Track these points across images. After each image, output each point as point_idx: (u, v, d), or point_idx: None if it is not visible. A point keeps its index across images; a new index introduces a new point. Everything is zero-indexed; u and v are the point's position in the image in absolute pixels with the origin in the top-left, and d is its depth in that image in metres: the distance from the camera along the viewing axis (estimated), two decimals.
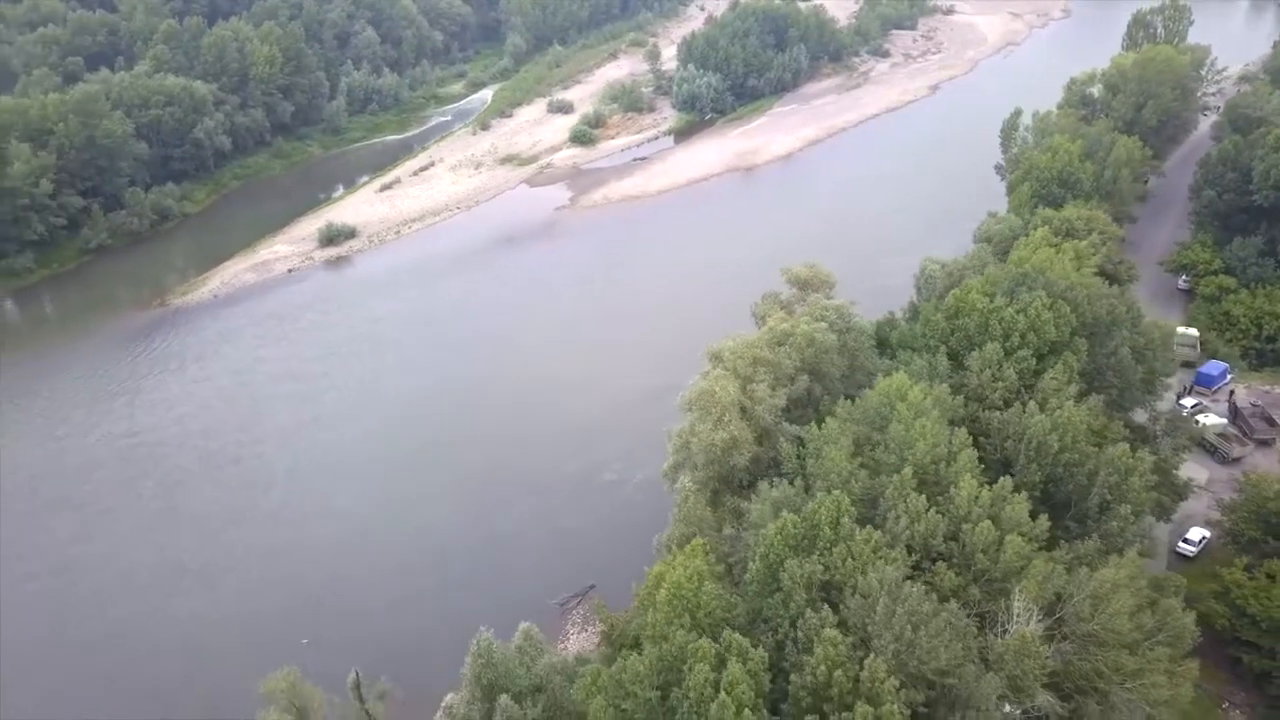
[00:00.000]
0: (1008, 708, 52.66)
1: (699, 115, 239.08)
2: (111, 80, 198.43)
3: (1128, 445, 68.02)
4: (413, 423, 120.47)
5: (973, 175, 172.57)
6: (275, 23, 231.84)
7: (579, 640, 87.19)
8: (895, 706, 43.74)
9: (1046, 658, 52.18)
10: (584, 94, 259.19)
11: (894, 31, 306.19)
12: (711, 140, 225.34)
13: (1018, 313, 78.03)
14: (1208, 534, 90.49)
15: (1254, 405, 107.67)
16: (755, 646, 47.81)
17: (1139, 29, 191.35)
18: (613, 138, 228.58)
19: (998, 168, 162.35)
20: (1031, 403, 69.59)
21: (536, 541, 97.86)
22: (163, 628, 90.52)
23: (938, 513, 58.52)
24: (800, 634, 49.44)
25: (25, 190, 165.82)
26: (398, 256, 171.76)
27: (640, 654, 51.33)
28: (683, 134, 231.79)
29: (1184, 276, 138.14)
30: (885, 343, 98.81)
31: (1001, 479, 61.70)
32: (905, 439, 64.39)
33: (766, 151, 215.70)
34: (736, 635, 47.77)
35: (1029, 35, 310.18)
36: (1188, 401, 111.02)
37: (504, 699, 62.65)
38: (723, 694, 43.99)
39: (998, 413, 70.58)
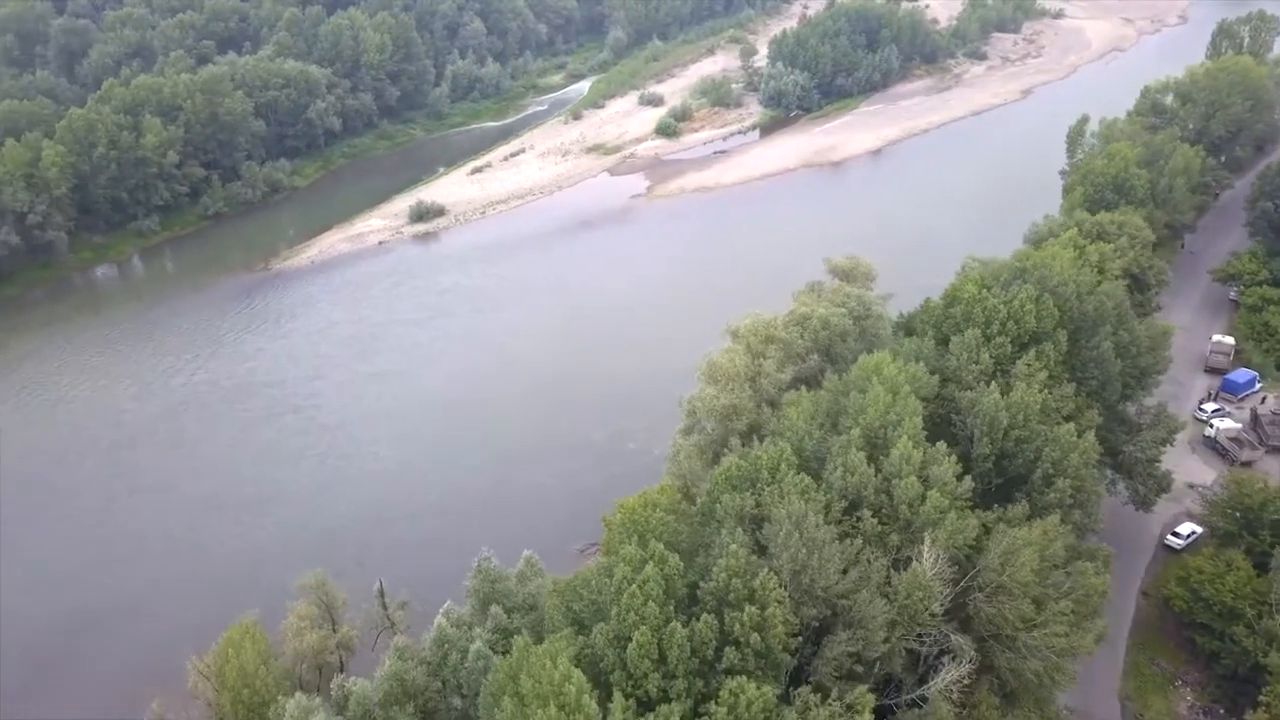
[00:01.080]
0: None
1: (784, 112, 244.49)
2: (237, 63, 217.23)
3: (1073, 426, 72.97)
4: (460, 382, 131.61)
5: (1044, 179, 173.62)
6: (389, 13, 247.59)
7: None
8: (779, 610, 51.25)
9: (948, 597, 58.48)
10: (675, 88, 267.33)
11: (995, 35, 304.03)
12: (791, 137, 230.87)
13: (1001, 303, 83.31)
14: (1198, 529, 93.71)
15: (1274, 414, 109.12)
16: (681, 562, 55.87)
17: (1224, 38, 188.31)
18: (696, 131, 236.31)
19: (1061, 173, 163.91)
20: (992, 383, 75.23)
21: (561, 496, 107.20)
22: (223, 536, 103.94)
23: (876, 470, 65.25)
24: (716, 550, 57.26)
25: (155, 160, 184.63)
26: (479, 235, 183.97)
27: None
28: (766, 129, 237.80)
29: (1235, 287, 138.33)
30: (910, 330, 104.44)
31: (938, 444, 67.77)
32: (860, 406, 71.15)
33: (843, 149, 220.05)
34: (660, 546, 55.89)
35: (1137, 42, 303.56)
36: (1209, 406, 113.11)
37: (495, 609, 72.09)
38: (634, 587, 52.27)
39: (968, 392, 76.41)
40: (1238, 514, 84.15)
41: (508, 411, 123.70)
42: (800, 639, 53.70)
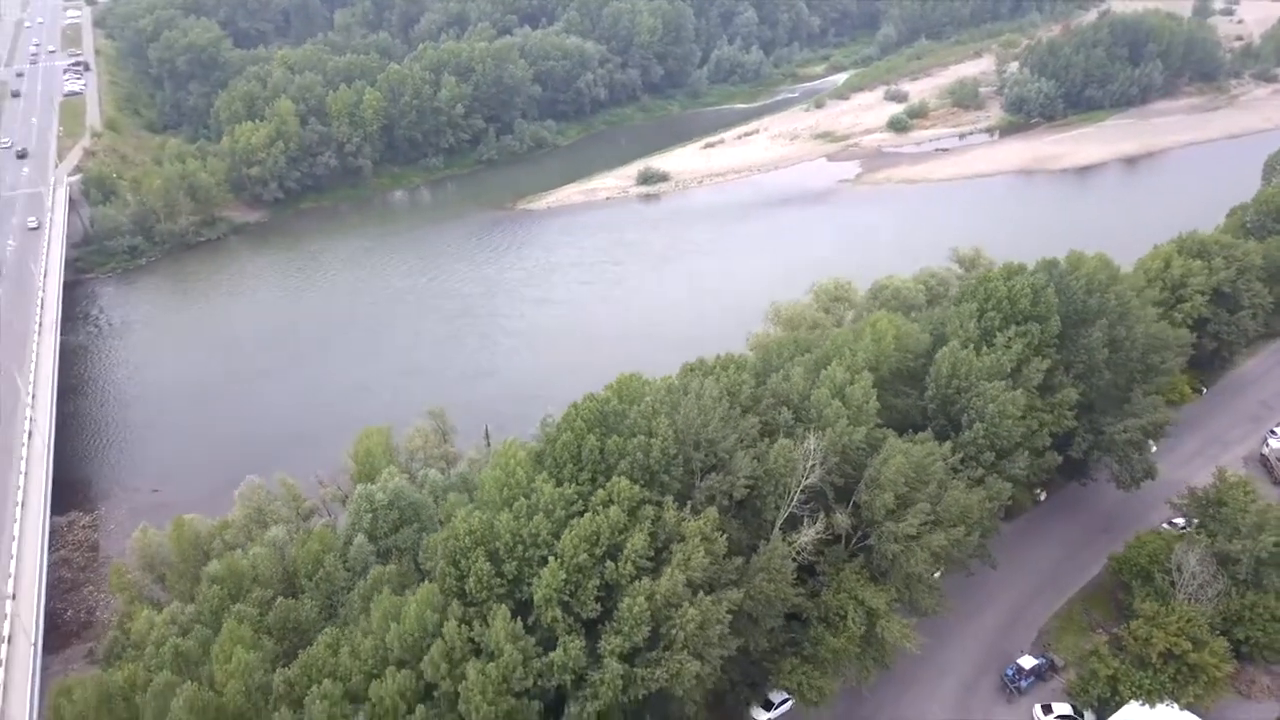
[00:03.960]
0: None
1: (1024, 118, 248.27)
2: (529, 36, 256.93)
3: (1004, 383, 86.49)
4: (605, 317, 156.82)
5: None
6: (667, 0, 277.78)
7: None
8: (661, 442, 72.38)
9: (820, 476, 76.28)
10: (925, 86, 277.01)
11: None
12: (1021, 142, 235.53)
13: (1003, 285, 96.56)
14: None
15: None
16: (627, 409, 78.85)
17: None
18: (927, 128, 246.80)
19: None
20: (954, 343, 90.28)
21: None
22: (394, 391, 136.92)
23: (815, 384, 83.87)
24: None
25: (447, 110, 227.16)
26: (688, 201, 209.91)
27: None
28: (999, 133, 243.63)
29: None
30: (959, 302, 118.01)
31: (864, 372, 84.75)
32: (834, 341, 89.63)
33: (1068, 159, 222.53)
34: (615, 400, 78.64)
35: None
36: None
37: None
38: (579, 420, 76.19)
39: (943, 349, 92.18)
40: (1201, 504, 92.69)
41: (643, 342, 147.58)
42: (684, 470, 75.07)
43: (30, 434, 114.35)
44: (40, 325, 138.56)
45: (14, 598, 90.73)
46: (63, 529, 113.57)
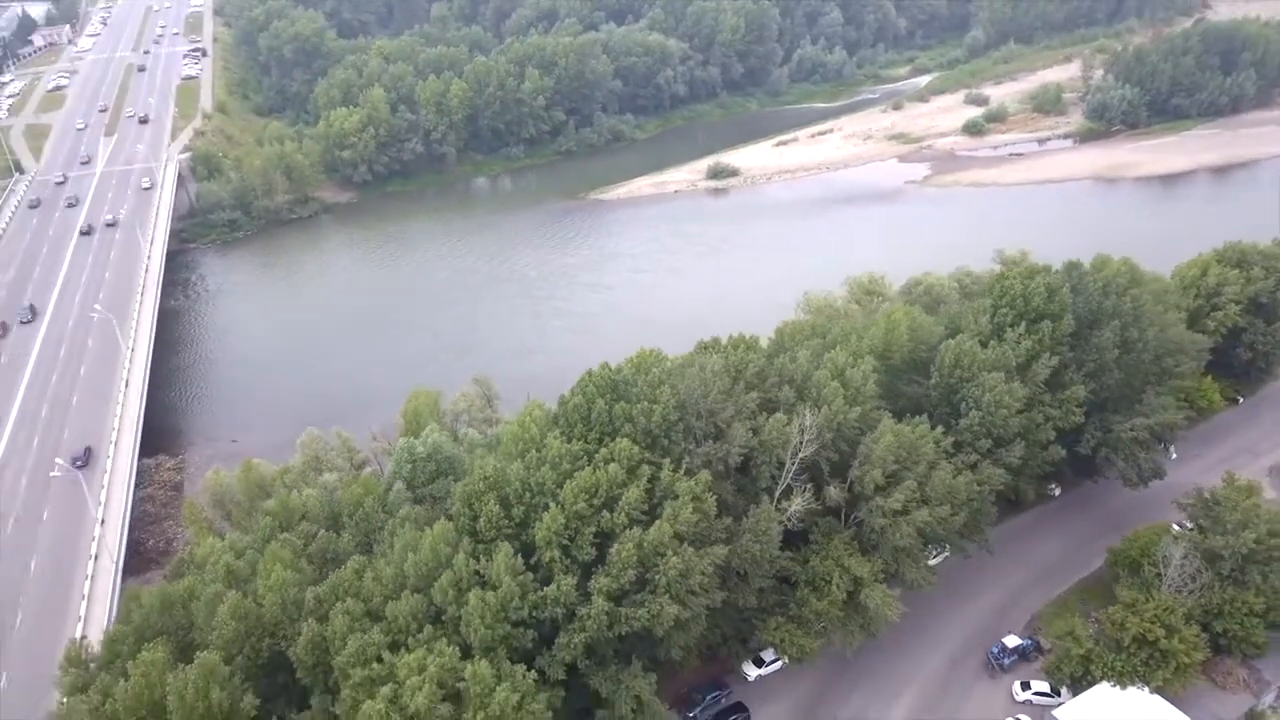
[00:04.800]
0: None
1: (1105, 125, 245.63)
2: (613, 32, 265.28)
3: (1003, 375, 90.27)
4: (661, 304, 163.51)
5: None
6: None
7: None
8: (662, 409, 79.04)
9: (811, 443, 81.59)
10: (1008, 91, 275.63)
11: None
12: (1098, 150, 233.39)
13: (1019, 283, 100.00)
14: None
15: None
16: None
17: None
18: (1004, 133, 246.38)
19: None
20: (961, 335, 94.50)
21: None
22: (449, 358, 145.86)
23: (819, 366, 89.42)
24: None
25: (529, 102, 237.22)
26: (755, 197, 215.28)
27: None
28: (1077, 139, 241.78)
29: None
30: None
31: (867, 356, 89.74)
32: (842, 329, 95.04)
33: (1144, 168, 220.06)
34: (632, 368, 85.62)
35: None
36: None
37: None
38: (591, 384, 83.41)
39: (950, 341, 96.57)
40: (1206, 505, 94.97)
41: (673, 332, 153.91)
42: (685, 437, 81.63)
43: (127, 383, 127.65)
44: (143, 287, 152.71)
45: (102, 523, 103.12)
46: (151, 469, 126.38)
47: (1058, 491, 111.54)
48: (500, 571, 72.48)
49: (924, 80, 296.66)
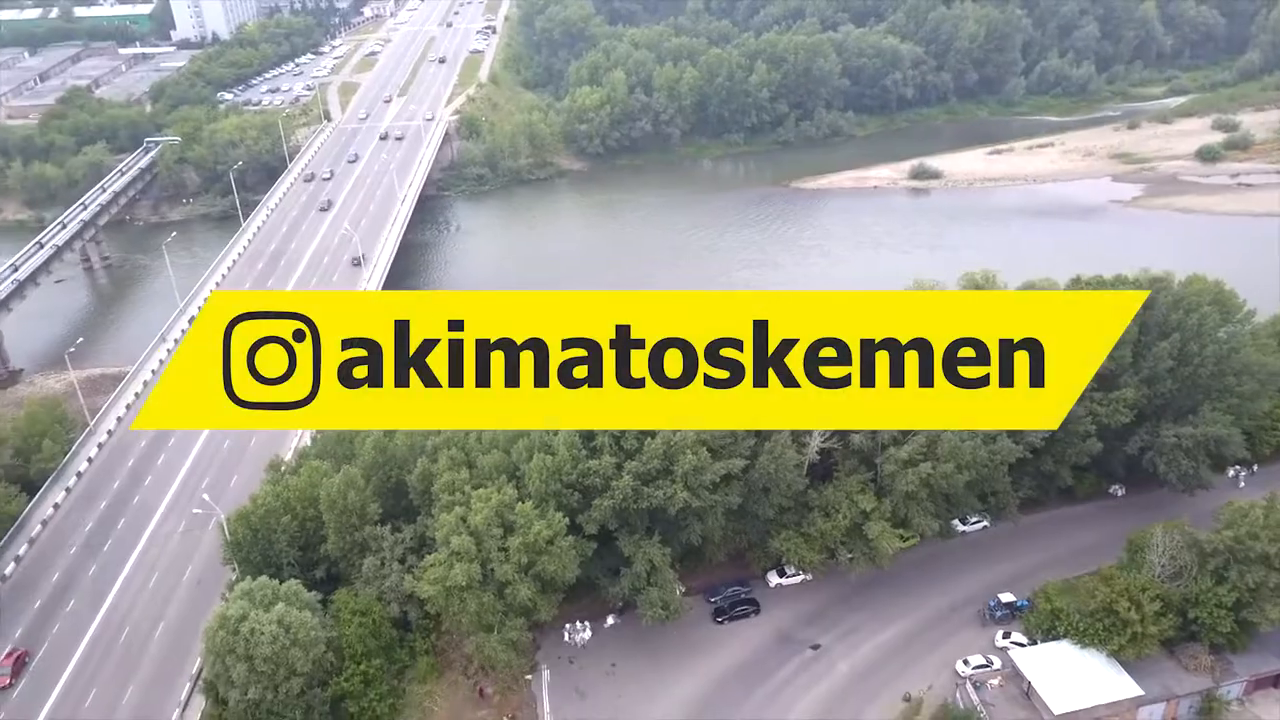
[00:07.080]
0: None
1: None
2: (849, 33, 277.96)
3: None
4: (807, 282, 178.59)
5: None
6: (996, 7, 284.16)
7: None
8: None
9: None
10: (1266, 119, 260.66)
11: None
12: None
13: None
14: None
15: None
16: None
17: None
18: (1241, 161, 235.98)
19: None
20: None
21: None
22: None
23: None
24: None
25: (754, 94, 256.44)
26: (951, 199, 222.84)
27: None
28: None
29: None
30: None
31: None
32: None
33: None
34: None
35: None
36: None
37: None
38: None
39: None
40: (1239, 515, 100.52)
41: None
42: None
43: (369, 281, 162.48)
44: (395, 219, 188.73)
45: None
46: None
47: (1121, 492, 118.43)
48: (559, 444, 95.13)
49: (1175, 102, 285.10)
